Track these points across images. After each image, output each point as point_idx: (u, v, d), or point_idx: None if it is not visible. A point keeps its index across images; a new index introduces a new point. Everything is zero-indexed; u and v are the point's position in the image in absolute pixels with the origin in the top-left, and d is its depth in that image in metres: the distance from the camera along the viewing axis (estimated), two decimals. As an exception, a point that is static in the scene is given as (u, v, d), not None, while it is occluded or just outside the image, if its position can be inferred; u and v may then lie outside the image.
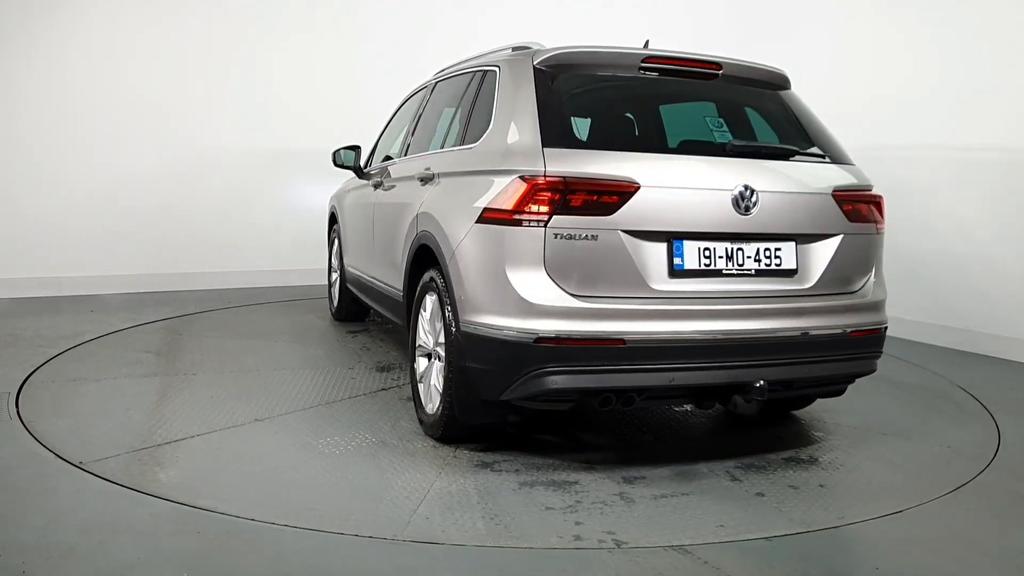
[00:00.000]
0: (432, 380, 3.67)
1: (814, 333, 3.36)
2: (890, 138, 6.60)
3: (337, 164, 5.49)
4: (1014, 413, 4.47)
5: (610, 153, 3.27)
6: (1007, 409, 4.53)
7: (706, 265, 3.25)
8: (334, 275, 6.43)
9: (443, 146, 4.15)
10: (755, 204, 3.28)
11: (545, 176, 3.09)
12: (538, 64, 3.47)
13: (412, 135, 4.84)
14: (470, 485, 3.19)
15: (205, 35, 7.66)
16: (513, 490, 3.15)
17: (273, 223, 8.12)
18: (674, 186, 3.22)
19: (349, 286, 5.92)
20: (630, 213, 3.12)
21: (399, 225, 4.26)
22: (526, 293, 3.06)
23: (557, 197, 3.07)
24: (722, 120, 3.84)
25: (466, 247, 3.33)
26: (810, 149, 3.70)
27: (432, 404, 3.65)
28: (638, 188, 3.14)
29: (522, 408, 3.35)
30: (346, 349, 5.49)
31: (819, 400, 4.14)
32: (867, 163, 6.68)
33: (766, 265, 3.34)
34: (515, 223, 3.08)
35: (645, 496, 3.12)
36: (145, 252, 7.50)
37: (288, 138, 8.13)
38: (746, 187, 3.27)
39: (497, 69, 3.71)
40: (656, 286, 3.16)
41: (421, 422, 3.79)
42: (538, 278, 3.07)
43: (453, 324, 3.36)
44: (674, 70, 3.59)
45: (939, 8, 6.29)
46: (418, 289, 3.85)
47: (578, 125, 3.54)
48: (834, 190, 3.48)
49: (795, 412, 4.23)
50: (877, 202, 3.62)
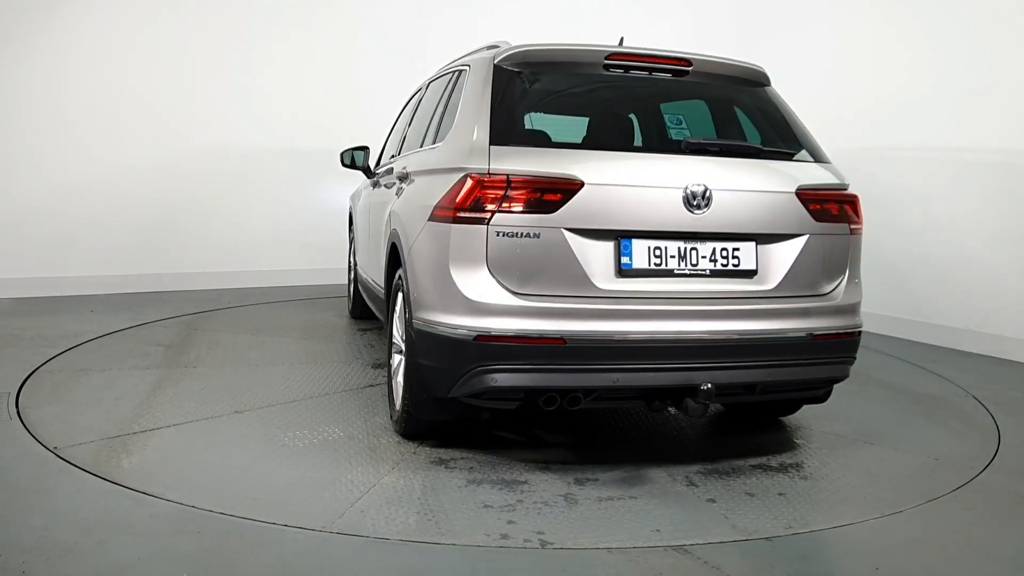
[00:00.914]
0: (399, 377, 3.68)
1: (773, 336, 3.25)
2: (890, 138, 6.60)
3: (345, 164, 5.45)
4: (1014, 413, 4.47)
5: (556, 151, 3.25)
6: (1007, 409, 4.53)
7: (656, 265, 3.17)
8: (352, 273, 6.51)
9: (421, 145, 4.18)
10: (708, 203, 3.18)
11: (489, 174, 3.08)
12: (499, 62, 3.45)
13: (406, 135, 4.89)
14: (418, 481, 3.21)
15: (205, 35, 7.66)
16: (459, 487, 3.15)
17: (274, 222, 8.12)
18: (621, 184, 3.15)
19: (359, 284, 5.98)
20: (574, 211, 3.08)
21: (380, 225, 4.34)
22: (467, 291, 3.06)
23: (500, 195, 3.05)
24: (681, 117, 3.81)
25: (418, 245, 3.35)
26: (781, 147, 3.60)
27: (398, 401, 3.67)
28: (581, 186, 3.09)
29: (480, 406, 3.31)
30: (351, 346, 5.52)
31: (812, 406, 4.05)
32: (867, 163, 6.69)
33: (722, 265, 3.24)
34: (459, 221, 3.07)
35: (590, 498, 3.09)
36: (145, 252, 7.49)
37: (289, 138, 8.13)
38: (698, 185, 3.18)
39: (467, 68, 3.71)
40: (602, 285, 3.10)
41: (392, 418, 3.83)
42: (480, 276, 3.06)
43: (409, 321, 3.38)
44: (641, 67, 3.54)
45: (939, 8, 6.29)
46: (392, 287, 3.89)
47: (534, 123, 3.54)
48: (798, 189, 3.36)
49: (783, 418, 4.14)
50: (851, 202, 3.49)
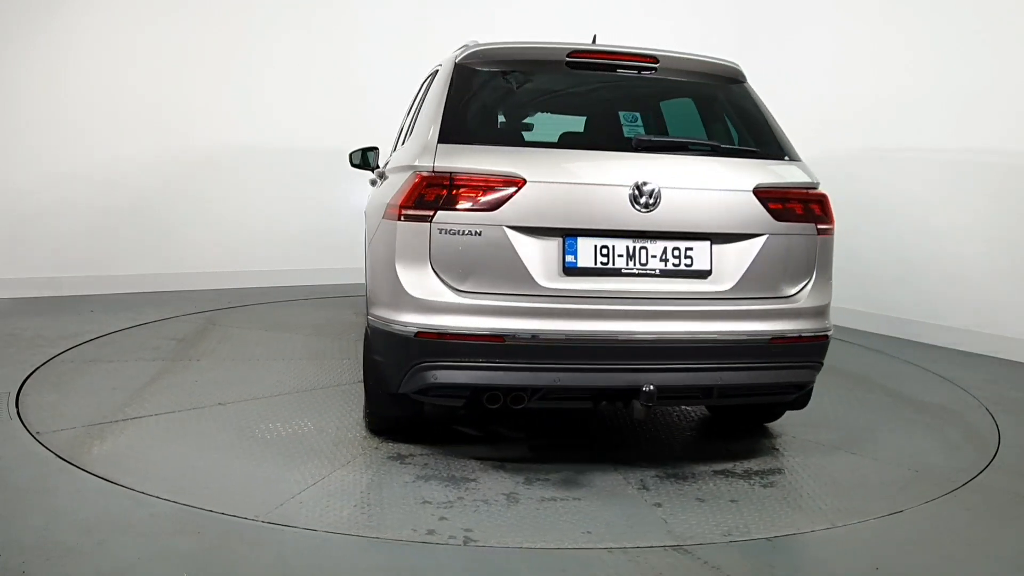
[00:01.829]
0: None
1: (727, 339, 3.17)
2: (891, 139, 6.60)
3: (353, 165, 5.43)
4: (1014, 413, 4.47)
5: (503, 148, 3.25)
6: (1007, 409, 4.53)
7: (603, 263, 3.12)
8: None
9: (397, 145, 4.25)
10: (656, 201, 3.12)
11: (433, 171, 3.10)
12: (460, 61, 3.48)
13: (401, 135, 4.92)
14: (368, 476, 3.25)
15: (205, 35, 7.66)
16: (406, 483, 3.18)
17: (275, 222, 8.12)
18: (565, 182, 3.13)
19: None
20: (516, 209, 3.06)
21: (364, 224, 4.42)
22: (411, 288, 3.07)
23: (443, 193, 3.07)
24: (637, 115, 3.77)
25: (374, 243, 3.40)
26: (746, 145, 3.55)
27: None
28: (524, 183, 3.08)
29: (429, 402, 3.33)
30: (358, 343, 5.53)
31: (804, 412, 3.98)
32: (868, 164, 6.69)
33: (674, 265, 3.17)
34: (405, 218, 3.09)
35: (533, 498, 3.09)
36: (145, 252, 7.49)
37: (290, 138, 8.13)
38: (645, 183, 3.11)
39: (440, 68, 3.75)
40: (546, 284, 3.07)
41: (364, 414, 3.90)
42: (424, 273, 3.07)
43: (366, 318, 3.43)
44: (604, 64, 3.51)
45: (939, 8, 6.29)
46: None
47: (490, 121, 3.55)
48: (756, 187, 3.26)
49: (768, 424, 4.05)
50: (819, 201, 3.37)
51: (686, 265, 3.19)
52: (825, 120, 7.03)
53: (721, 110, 3.75)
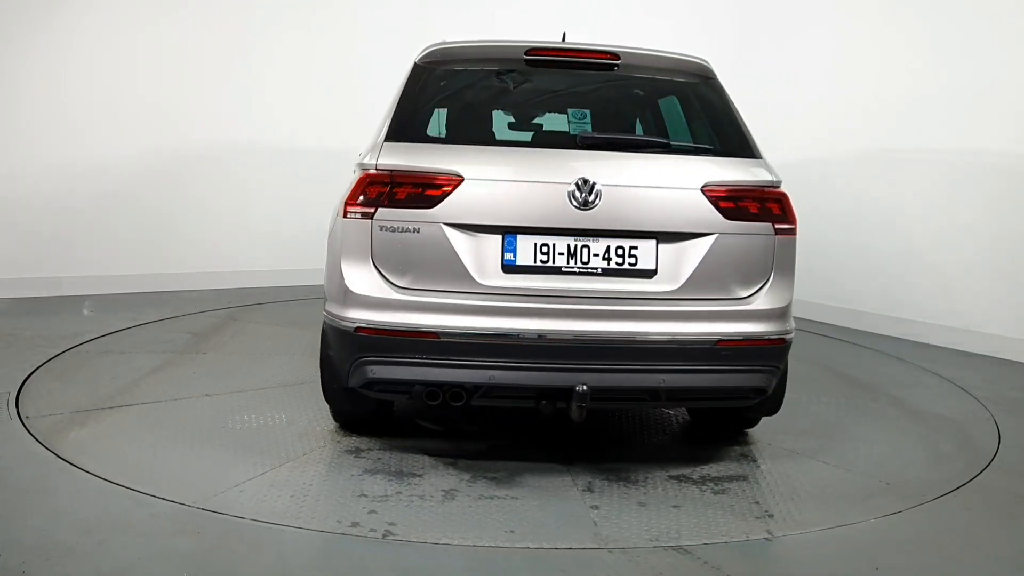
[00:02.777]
0: None
1: (670, 340, 3.11)
2: (892, 140, 6.60)
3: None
4: (1014, 413, 4.47)
5: (445, 146, 3.30)
6: (1007, 409, 4.53)
7: (543, 261, 3.10)
8: None
9: None
10: (596, 199, 3.08)
11: (376, 169, 3.14)
12: (418, 60, 3.51)
13: None
14: (316, 468, 3.32)
15: (205, 35, 7.65)
16: (351, 476, 3.23)
17: (275, 222, 8.11)
18: (504, 179, 3.13)
19: None
20: (454, 206, 3.07)
21: None
22: (352, 284, 3.12)
23: (384, 190, 3.11)
24: (587, 112, 3.75)
25: (329, 240, 3.47)
26: (703, 142, 3.52)
27: None
28: (461, 181, 3.09)
29: (373, 397, 3.37)
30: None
31: (789, 418, 3.94)
32: (869, 164, 6.69)
33: (617, 264, 3.13)
34: (349, 216, 3.15)
35: (471, 495, 3.09)
36: (145, 252, 7.48)
37: (290, 138, 8.11)
38: (584, 181, 3.08)
39: None
40: (485, 281, 3.08)
41: None
42: (365, 269, 3.12)
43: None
44: (563, 62, 3.49)
45: (940, 8, 6.29)
46: None
47: (438, 120, 3.56)
48: (705, 185, 3.18)
49: (749, 431, 3.91)
50: (778, 200, 3.28)
51: (630, 264, 3.14)
52: (825, 120, 7.03)
53: (685, 107, 3.72)
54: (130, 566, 2.46)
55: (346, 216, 3.16)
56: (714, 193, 3.19)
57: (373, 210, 3.10)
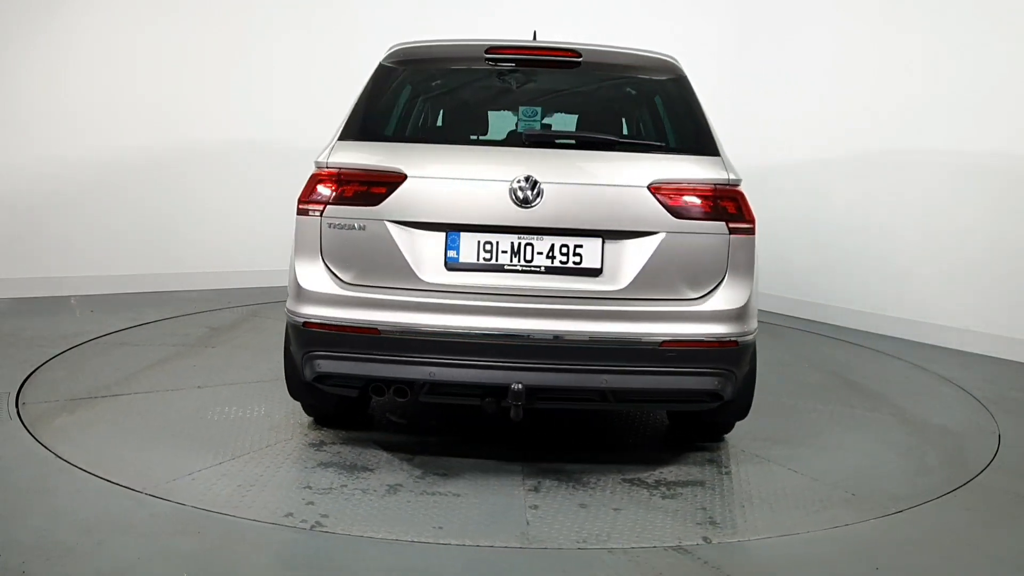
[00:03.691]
0: None
1: (612, 340, 3.05)
2: (892, 139, 6.60)
3: None
4: (1014, 413, 4.47)
5: (392, 144, 3.32)
6: (1007, 409, 4.53)
7: (486, 259, 3.10)
8: None
9: None
10: (537, 197, 3.05)
11: (326, 167, 3.21)
12: (382, 60, 3.56)
13: None
14: (273, 459, 3.38)
15: (206, 35, 7.65)
16: (304, 468, 3.31)
17: (276, 222, 8.10)
18: (447, 177, 3.15)
19: None
20: (398, 204, 3.10)
21: None
22: (302, 280, 3.18)
23: (333, 188, 3.16)
24: (538, 109, 3.73)
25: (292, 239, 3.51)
26: (658, 139, 3.48)
27: None
28: (405, 178, 3.11)
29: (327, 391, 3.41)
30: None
31: (773, 423, 3.91)
32: (869, 164, 6.68)
33: (561, 263, 3.10)
34: (302, 213, 3.22)
35: (414, 490, 3.12)
36: (145, 252, 7.48)
37: (291, 138, 8.10)
38: (525, 179, 3.05)
39: None
40: (428, 278, 3.09)
41: None
42: (315, 266, 3.17)
43: None
44: (523, 60, 3.48)
45: (941, 8, 6.29)
46: None
47: (395, 119, 3.57)
48: (652, 183, 3.11)
49: (727, 435, 3.83)
50: (733, 199, 3.17)
51: (574, 263, 3.11)
52: (825, 121, 7.02)
53: (646, 104, 3.69)
54: (130, 566, 2.46)
55: (298, 213, 3.22)
56: (661, 191, 3.12)
57: (322, 207, 3.16)
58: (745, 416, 3.66)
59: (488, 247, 3.11)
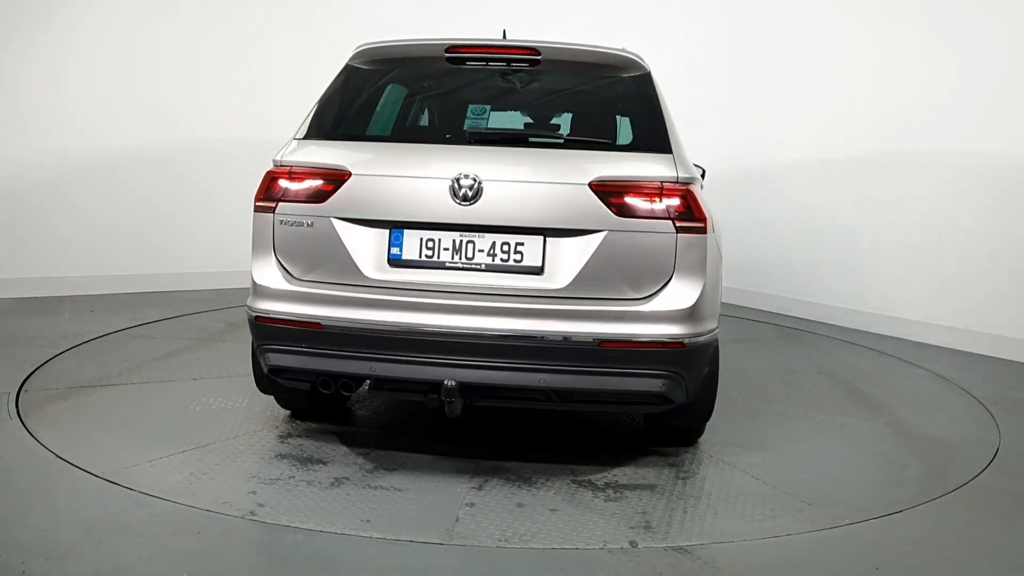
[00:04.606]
0: None
1: (548, 338, 3.00)
2: (892, 139, 6.60)
3: None
4: (1014, 413, 4.47)
5: (339, 143, 3.35)
6: (1007, 409, 4.53)
7: (428, 256, 3.12)
8: None
9: None
10: (477, 194, 3.04)
11: (279, 165, 3.30)
12: (351, 60, 3.60)
13: None
14: (233, 449, 3.47)
15: (206, 35, 7.65)
16: (259, 459, 3.39)
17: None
18: (389, 174, 3.18)
19: None
20: (343, 201, 3.15)
21: None
22: (256, 275, 3.27)
23: (284, 186, 3.24)
24: (486, 108, 3.73)
25: None
26: (602, 136, 3.46)
27: None
28: (349, 176, 3.16)
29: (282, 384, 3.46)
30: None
31: (754, 432, 3.86)
32: (869, 164, 6.68)
33: (502, 260, 3.09)
34: (257, 210, 3.30)
35: (358, 484, 3.16)
36: (145, 252, 7.48)
37: (291, 136, 8.12)
38: (465, 176, 3.05)
39: None
40: (372, 275, 3.13)
41: None
42: (268, 262, 3.25)
43: None
44: (483, 58, 3.48)
45: (941, 8, 6.29)
46: None
47: (354, 117, 3.60)
48: (593, 181, 3.06)
49: (700, 439, 3.76)
50: (682, 197, 3.07)
51: (515, 261, 3.10)
52: (825, 121, 7.02)
53: (601, 102, 3.67)
54: (130, 566, 2.46)
55: (254, 211, 3.30)
56: (603, 189, 3.06)
57: (275, 204, 3.24)
58: (707, 420, 3.62)
59: (430, 244, 3.13)
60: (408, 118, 3.81)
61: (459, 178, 3.06)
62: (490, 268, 3.10)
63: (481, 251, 3.11)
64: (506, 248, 3.10)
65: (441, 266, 3.12)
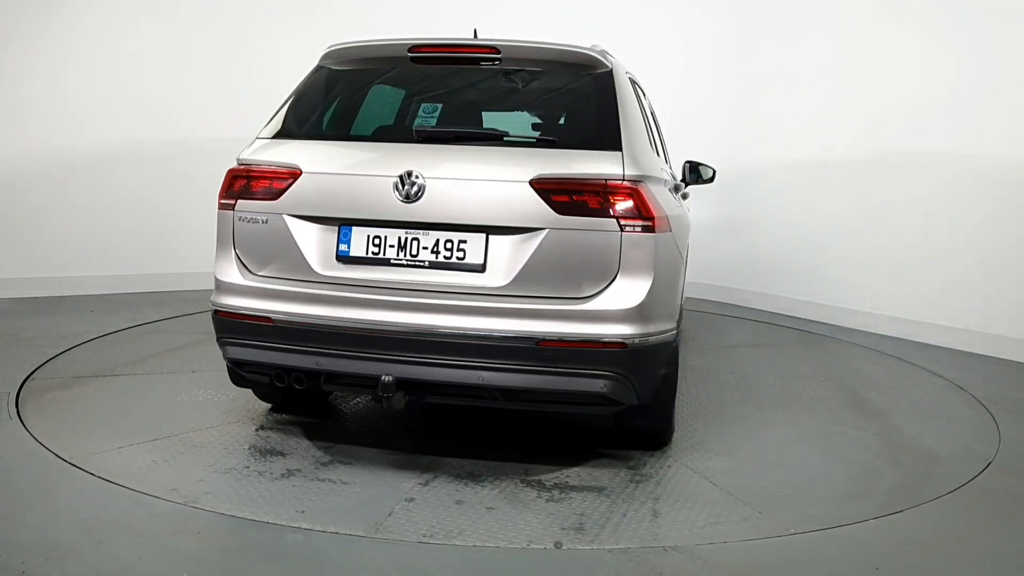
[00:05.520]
0: None
1: (486, 336, 2.99)
2: (892, 139, 6.60)
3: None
4: (1014, 413, 4.47)
5: (294, 142, 3.43)
6: (1007, 409, 4.53)
7: (374, 253, 3.16)
8: None
9: None
10: (419, 192, 3.07)
11: (239, 164, 3.40)
12: (320, 60, 3.69)
13: None
14: (201, 439, 3.57)
15: (205, 33, 7.66)
16: (222, 449, 3.47)
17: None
18: (337, 172, 3.25)
19: None
20: (295, 198, 3.23)
21: None
22: (218, 271, 3.37)
23: (243, 183, 3.34)
24: (437, 106, 3.74)
25: None
26: (549, 134, 3.47)
27: None
28: (300, 174, 3.23)
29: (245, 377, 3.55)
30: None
31: (735, 439, 3.80)
32: (869, 164, 6.68)
33: (445, 258, 3.11)
34: (220, 208, 3.39)
35: (308, 476, 3.22)
36: (145, 252, 7.49)
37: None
38: (408, 173, 3.08)
39: None
40: (321, 271, 3.19)
41: None
42: (229, 257, 3.35)
43: None
44: (444, 58, 3.51)
45: (941, 8, 6.29)
46: None
47: (317, 117, 3.65)
48: (534, 179, 3.03)
49: (668, 444, 3.72)
50: (629, 194, 3.03)
51: (458, 258, 3.11)
52: (825, 120, 7.03)
53: (557, 99, 3.67)
54: (130, 566, 2.46)
55: (218, 208, 3.38)
56: (544, 187, 3.04)
57: (234, 202, 3.33)
58: (669, 421, 3.59)
59: (377, 241, 3.17)
60: (366, 117, 3.82)
61: (403, 176, 3.11)
62: (433, 265, 3.13)
63: (425, 248, 3.14)
64: (449, 245, 3.12)
65: (387, 263, 3.16)
